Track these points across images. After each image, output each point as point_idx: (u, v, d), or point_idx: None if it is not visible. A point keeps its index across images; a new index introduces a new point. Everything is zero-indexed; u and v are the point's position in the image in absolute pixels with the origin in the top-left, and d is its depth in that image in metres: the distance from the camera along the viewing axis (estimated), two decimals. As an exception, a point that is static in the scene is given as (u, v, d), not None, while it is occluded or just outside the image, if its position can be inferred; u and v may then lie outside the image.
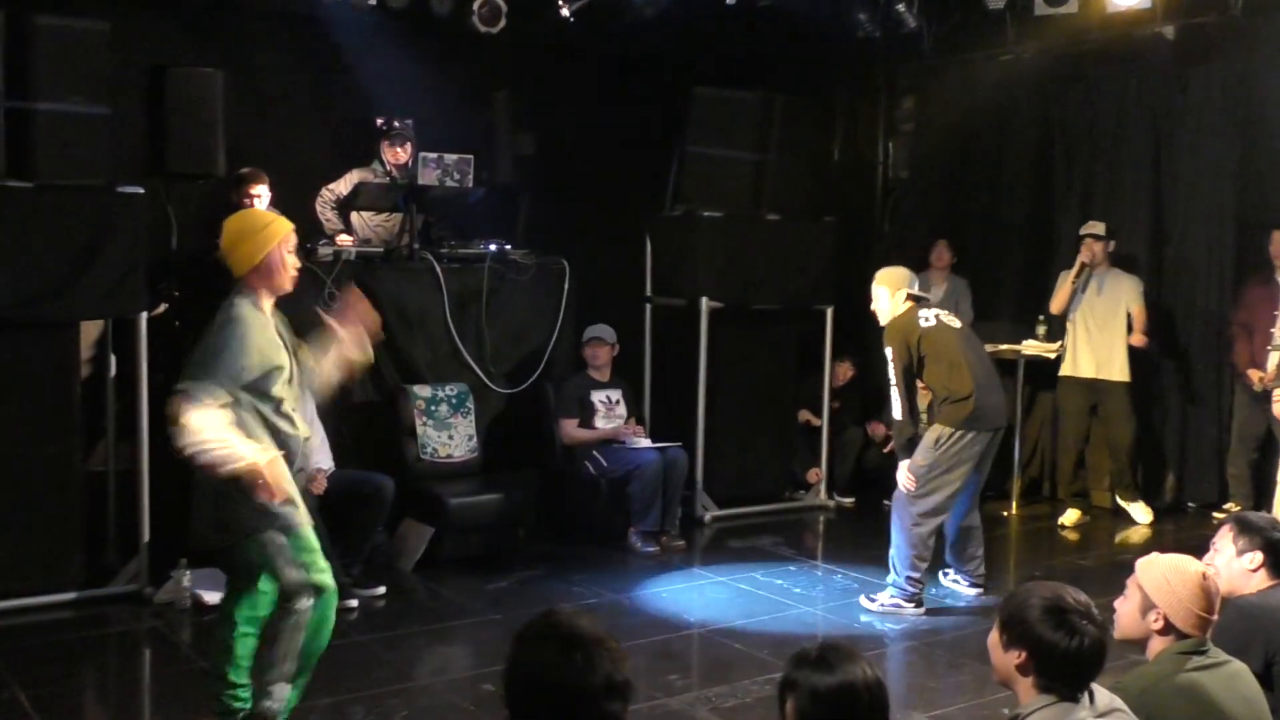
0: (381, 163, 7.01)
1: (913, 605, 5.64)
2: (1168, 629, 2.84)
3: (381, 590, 5.76)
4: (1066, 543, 7.26)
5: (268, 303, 3.82)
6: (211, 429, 3.54)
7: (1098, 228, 7.41)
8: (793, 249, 7.66)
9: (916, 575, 5.64)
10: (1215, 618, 2.87)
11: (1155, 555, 2.97)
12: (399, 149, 6.97)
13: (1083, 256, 7.38)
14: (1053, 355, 7.75)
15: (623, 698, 2.00)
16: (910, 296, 5.78)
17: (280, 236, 3.84)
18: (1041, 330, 7.88)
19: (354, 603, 5.53)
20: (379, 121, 7.03)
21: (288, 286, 3.88)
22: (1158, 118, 7.84)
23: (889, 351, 5.64)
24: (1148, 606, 2.87)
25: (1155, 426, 7.85)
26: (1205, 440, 7.77)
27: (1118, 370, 7.42)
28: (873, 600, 5.72)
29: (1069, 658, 2.45)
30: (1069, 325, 7.56)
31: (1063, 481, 7.89)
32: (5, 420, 5.37)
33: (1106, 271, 7.43)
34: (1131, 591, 2.93)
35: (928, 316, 5.70)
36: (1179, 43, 7.54)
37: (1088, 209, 8.00)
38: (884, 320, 5.77)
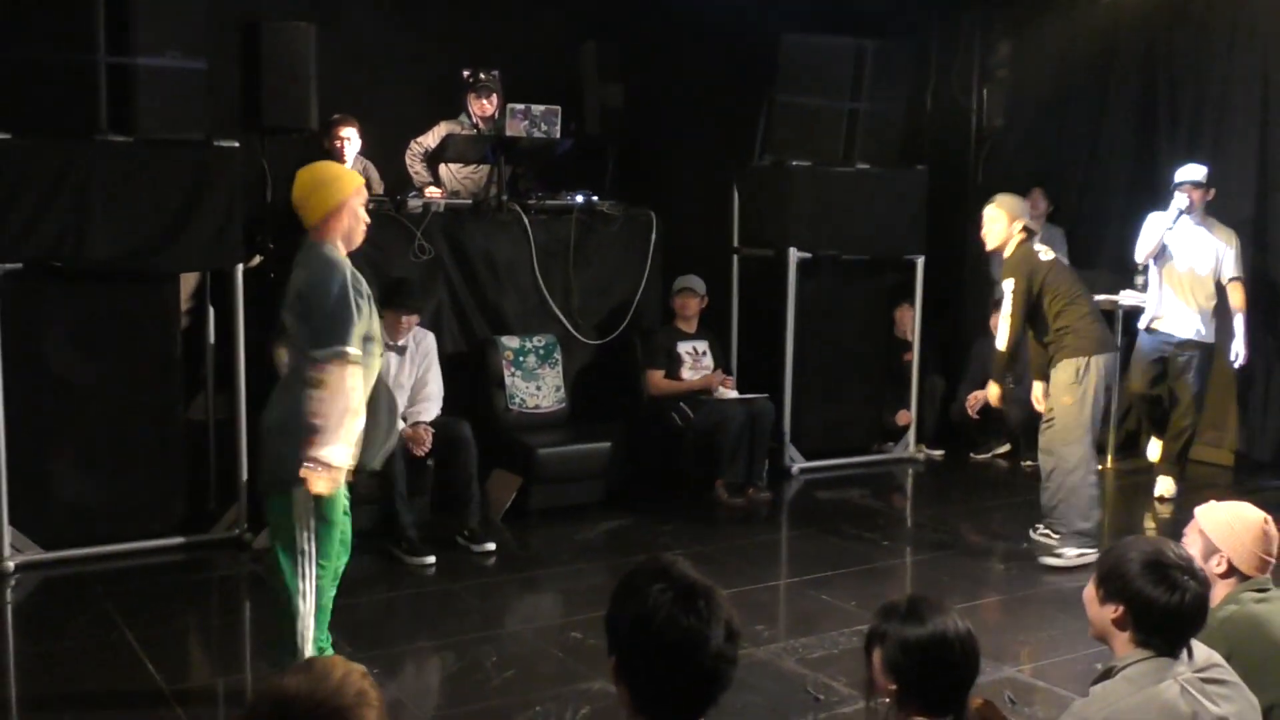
0: (469, 115, 7.03)
1: (1093, 549, 5.51)
2: (1230, 572, 2.93)
3: (491, 546, 5.78)
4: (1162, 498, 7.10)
5: (342, 253, 3.83)
6: (342, 401, 3.61)
7: (1197, 173, 7.04)
8: (883, 199, 7.55)
9: (1090, 519, 5.58)
10: (1275, 560, 2.95)
11: (1214, 502, 3.05)
12: (485, 101, 6.98)
13: (1179, 203, 6.87)
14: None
15: (737, 645, 1.99)
16: (1025, 228, 5.74)
17: (354, 187, 3.85)
18: (1140, 280, 7.63)
19: (430, 559, 5.59)
20: (465, 73, 7.04)
21: (358, 240, 3.89)
22: (1270, 58, 7.52)
23: (1010, 283, 5.61)
24: (1210, 551, 2.93)
25: (1261, 384, 7.59)
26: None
27: (1196, 328, 6.92)
28: (1058, 556, 5.60)
29: (1169, 613, 2.41)
30: (1151, 276, 7.14)
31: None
32: (110, 371, 5.53)
33: (1201, 221, 7.06)
34: (1192, 538, 2.98)
35: (1043, 250, 5.73)
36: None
37: (1192, 156, 7.71)
38: (994, 243, 5.74)
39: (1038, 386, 5.84)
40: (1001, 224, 5.71)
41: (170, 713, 4.00)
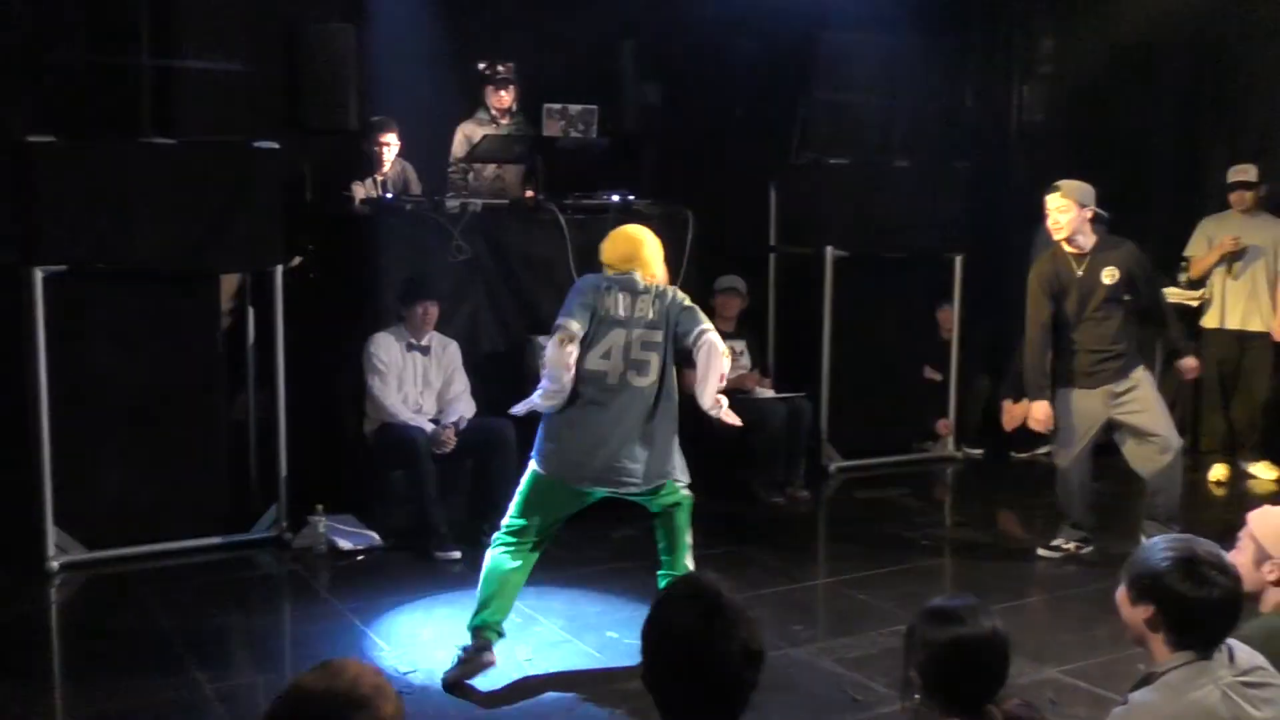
0: (486, 109, 7.01)
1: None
2: None
3: None
4: (1209, 498, 7.01)
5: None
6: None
7: (1249, 173, 7.03)
8: (922, 196, 7.50)
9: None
10: None
11: (1269, 507, 2.94)
12: (503, 92, 6.94)
13: (1236, 207, 7.01)
14: (1195, 303, 7.47)
15: (756, 665, 2.05)
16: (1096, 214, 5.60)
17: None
18: (1184, 277, 7.59)
19: (456, 554, 5.64)
20: (481, 66, 7.00)
21: None
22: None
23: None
24: (1263, 558, 2.85)
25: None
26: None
27: (1262, 321, 7.08)
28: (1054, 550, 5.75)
29: (1200, 609, 2.37)
30: (1212, 276, 7.23)
31: (1210, 436, 7.62)
32: (153, 371, 5.59)
33: (1255, 217, 7.08)
34: (1245, 544, 2.89)
35: None
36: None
37: (1237, 150, 7.65)
38: (1065, 234, 5.47)
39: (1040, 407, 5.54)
40: (1073, 212, 5.47)
41: (212, 710, 4.04)
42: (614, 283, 4.44)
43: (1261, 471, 7.28)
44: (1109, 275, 5.46)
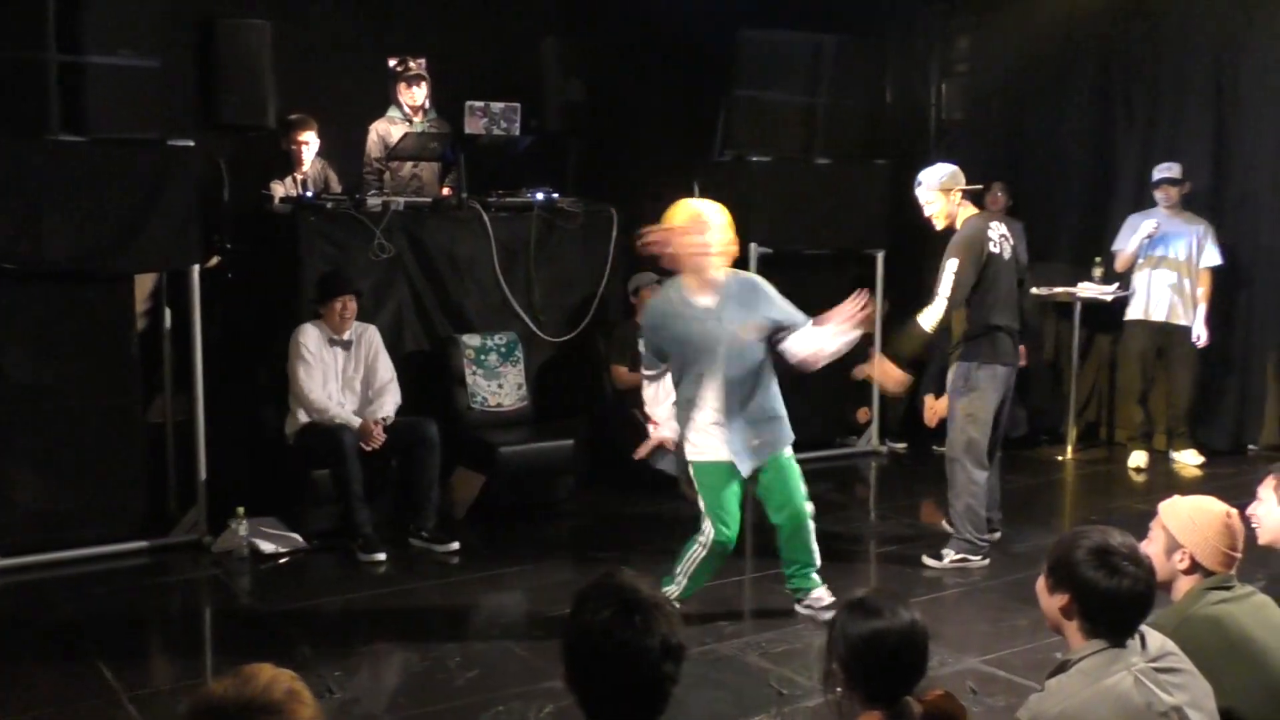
0: (399, 106, 6.95)
1: (979, 558, 5.55)
2: (1194, 568, 2.87)
3: (455, 546, 5.76)
4: (1127, 487, 7.17)
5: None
6: None
7: (1174, 170, 7.25)
8: (844, 193, 7.57)
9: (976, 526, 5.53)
10: (1239, 555, 2.88)
11: (1178, 497, 2.99)
12: (415, 89, 6.87)
13: (1162, 203, 7.23)
14: (1109, 298, 7.64)
15: (677, 659, 2.05)
16: (966, 194, 5.53)
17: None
18: (1098, 272, 7.76)
19: (381, 556, 5.59)
20: (392, 63, 6.92)
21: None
22: (1222, 47, 7.63)
23: (953, 264, 5.35)
24: (1173, 547, 2.89)
25: (1217, 366, 7.70)
26: (1268, 380, 7.64)
27: (1185, 314, 7.29)
28: (939, 558, 5.56)
29: (1111, 598, 2.43)
30: (1136, 269, 7.41)
31: (1127, 425, 7.80)
32: (66, 373, 5.46)
33: (1178, 214, 7.29)
34: (1156, 534, 2.94)
35: (995, 240, 5.46)
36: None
37: (1149, 146, 7.84)
38: (942, 223, 5.51)
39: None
40: (939, 201, 5.51)
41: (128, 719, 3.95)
42: None
43: (1188, 458, 7.45)
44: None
